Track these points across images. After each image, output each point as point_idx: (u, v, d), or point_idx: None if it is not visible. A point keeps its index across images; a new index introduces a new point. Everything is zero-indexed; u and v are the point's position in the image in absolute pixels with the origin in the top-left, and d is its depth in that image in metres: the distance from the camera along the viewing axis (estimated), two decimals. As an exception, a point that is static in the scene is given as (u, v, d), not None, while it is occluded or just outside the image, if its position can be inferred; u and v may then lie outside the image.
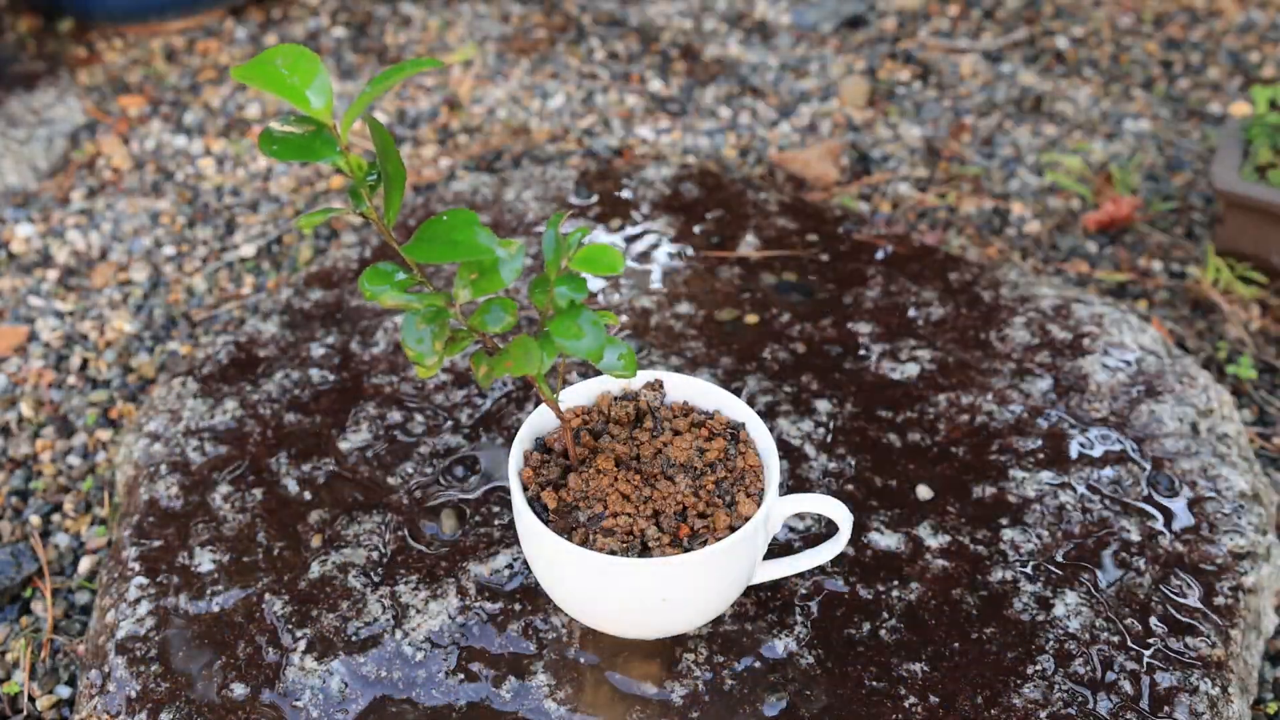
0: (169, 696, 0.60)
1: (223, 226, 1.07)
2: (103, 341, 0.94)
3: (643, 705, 0.58)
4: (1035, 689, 0.58)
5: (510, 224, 0.94)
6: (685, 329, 0.81)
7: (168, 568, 0.66)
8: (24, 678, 0.68)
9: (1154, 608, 0.63)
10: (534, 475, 0.56)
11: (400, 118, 1.22)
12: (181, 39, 1.38)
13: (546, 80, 1.28)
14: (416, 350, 0.46)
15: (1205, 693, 0.59)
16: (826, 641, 0.61)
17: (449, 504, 0.69)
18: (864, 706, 0.58)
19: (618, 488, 0.55)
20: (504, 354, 0.47)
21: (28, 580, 0.75)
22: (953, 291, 0.85)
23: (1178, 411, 0.74)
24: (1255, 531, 0.67)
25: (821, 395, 0.75)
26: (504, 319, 0.47)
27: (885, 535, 0.66)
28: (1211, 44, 1.32)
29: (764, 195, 0.98)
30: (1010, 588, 0.63)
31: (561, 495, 0.55)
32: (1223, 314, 0.93)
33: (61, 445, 0.84)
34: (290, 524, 0.68)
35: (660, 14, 1.41)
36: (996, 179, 1.11)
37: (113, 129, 1.21)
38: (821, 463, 0.71)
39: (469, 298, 0.45)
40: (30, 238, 1.06)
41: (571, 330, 0.46)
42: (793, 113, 1.22)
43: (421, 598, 0.63)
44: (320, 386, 0.78)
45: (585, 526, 0.54)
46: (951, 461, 0.71)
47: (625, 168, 1.01)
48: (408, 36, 1.37)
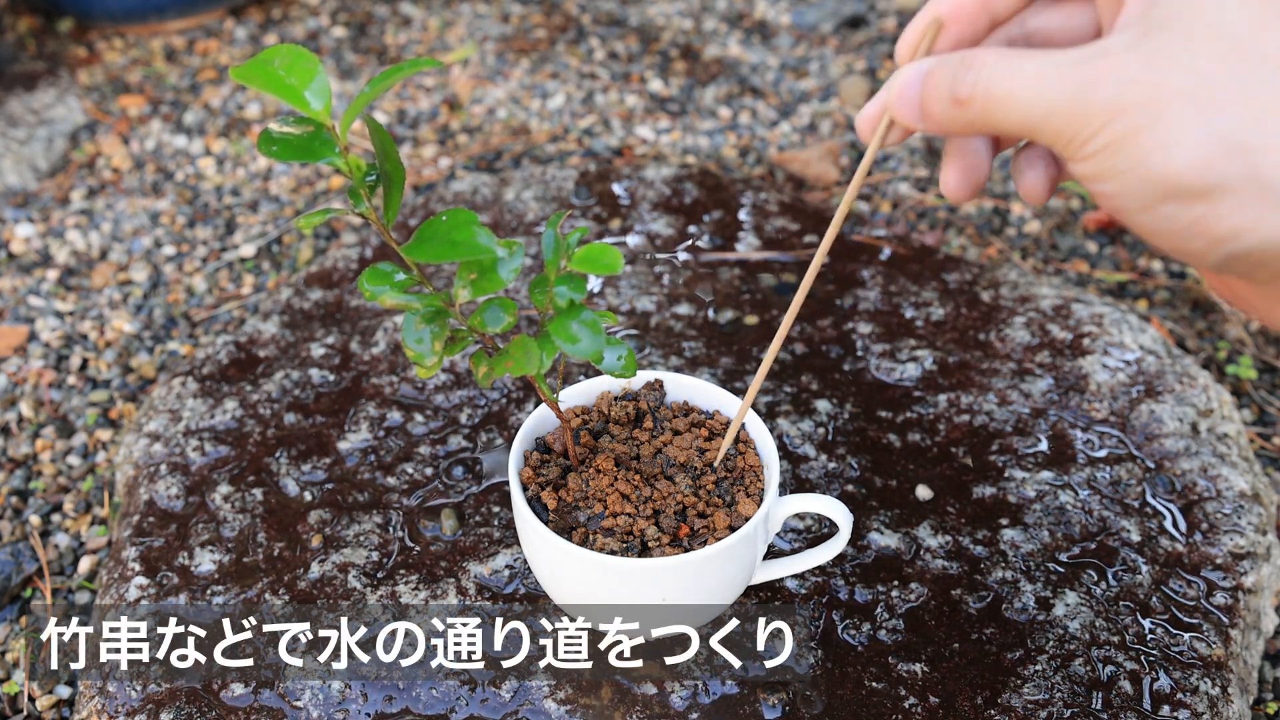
0: (169, 697, 0.60)
1: (223, 226, 1.07)
2: (103, 341, 0.94)
3: (643, 705, 0.58)
4: (1035, 689, 0.58)
5: (510, 224, 0.94)
6: (685, 329, 0.81)
7: (168, 568, 0.66)
8: (24, 678, 0.68)
9: (1154, 608, 0.63)
10: (534, 475, 0.56)
11: (400, 118, 1.22)
12: (181, 39, 1.38)
13: (546, 80, 1.28)
14: (416, 350, 0.46)
15: (1205, 693, 0.59)
16: (826, 641, 0.61)
17: (449, 504, 0.69)
18: (864, 707, 0.58)
19: (617, 488, 0.55)
20: (504, 354, 0.47)
21: (28, 580, 0.75)
22: (952, 292, 0.85)
23: (1178, 411, 0.74)
24: (1255, 531, 0.67)
25: (821, 395, 0.75)
26: (504, 319, 0.47)
27: (885, 535, 0.66)
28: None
29: (764, 195, 0.98)
30: (1010, 588, 0.63)
31: (561, 495, 0.55)
32: (1223, 314, 0.93)
33: (61, 445, 0.84)
34: (290, 524, 0.68)
35: (660, 14, 1.41)
36: (996, 179, 1.11)
37: (113, 129, 1.21)
38: (822, 462, 0.71)
39: (469, 298, 0.45)
40: (30, 238, 1.06)
41: (570, 331, 0.46)
42: (793, 113, 1.22)
43: (421, 598, 0.63)
44: (320, 386, 0.78)
45: (585, 526, 0.54)
46: (951, 462, 0.71)
47: (625, 167, 1.01)
48: (408, 36, 1.37)
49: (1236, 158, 0.32)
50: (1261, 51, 0.33)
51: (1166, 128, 0.33)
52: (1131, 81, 0.33)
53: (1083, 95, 0.34)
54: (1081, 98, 0.34)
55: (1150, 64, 0.33)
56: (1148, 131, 0.33)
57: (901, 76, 0.39)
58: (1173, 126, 0.33)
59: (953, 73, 0.37)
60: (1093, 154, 0.34)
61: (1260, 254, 0.34)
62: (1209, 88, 0.32)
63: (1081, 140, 0.34)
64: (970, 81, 0.36)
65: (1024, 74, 0.35)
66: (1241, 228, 0.33)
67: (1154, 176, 0.33)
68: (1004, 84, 0.35)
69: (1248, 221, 0.33)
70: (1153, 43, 0.33)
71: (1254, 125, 0.32)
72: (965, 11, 0.40)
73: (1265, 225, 0.33)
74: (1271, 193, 0.32)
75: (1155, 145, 0.33)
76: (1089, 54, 0.34)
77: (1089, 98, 0.34)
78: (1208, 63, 0.32)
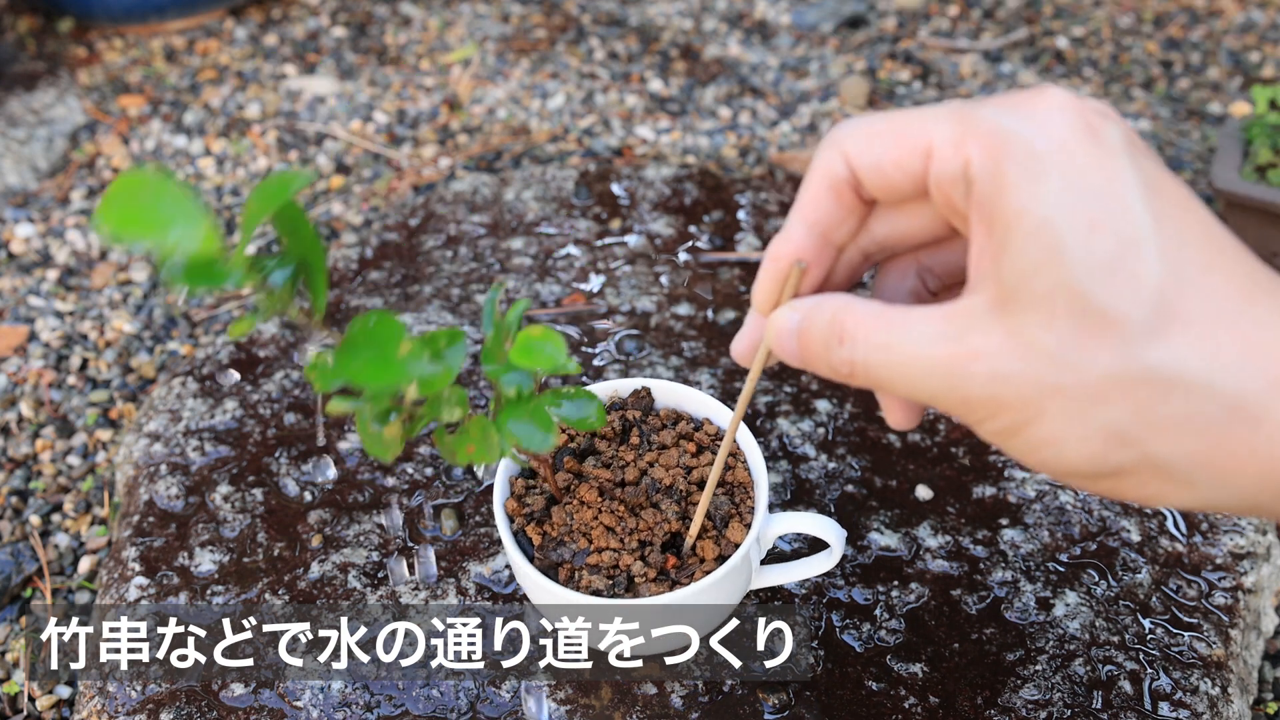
0: (169, 697, 0.60)
1: (222, 226, 1.07)
2: (103, 341, 0.94)
3: (643, 705, 0.58)
4: (1035, 689, 0.58)
5: (510, 224, 0.94)
6: (685, 329, 0.81)
7: (168, 568, 0.66)
8: (24, 678, 0.68)
9: (1154, 608, 0.63)
10: (519, 507, 0.55)
11: (400, 118, 1.22)
12: (181, 39, 1.38)
13: (546, 80, 1.28)
14: (375, 447, 0.44)
15: (1205, 693, 0.59)
16: (826, 641, 0.61)
17: (449, 504, 0.69)
18: (863, 707, 0.58)
19: (601, 520, 0.54)
20: (464, 436, 0.45)
21: (28, 580, 0.75)
22: (953, 291, 0.85)
23: (1178, 411, 0.74)
24: (1255, 531, 0.67)
25: (821, 395, 0.75)
26: (455, 412, 0.44)
27: (885, 535, 0.66)
28: (1211, 44, 1.32)
29: (764, 195, 0.98)
30: (1010, 588, 0.63)
31: (546, 529, 0.55)
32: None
33: (61, 445, 0.84)
34: (290, 524, 0.68)
35: (660, 14, 1.41)
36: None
37: (113, 129, 1.21)
38: (822, 462, 0.71)
39: (415, 395, 0.43)
40: (30, 238, 1.06)
41: (519, 428, 0.44)
42: (793, 113, 1.22)
43: (421, 598, 0.63)
44: (320, 386, 0.78)
45: (570, 563, 0.53)
46: (951, 462, 0.71)
47: (625, 167, 1.01)
48: (408, 36, 1.37)
49: (1125, 447, 0.31)
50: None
51: (1049, 424, 0.32)
52: (1004, 379, 0.32)
53: (960, 387, 0.32)
54: (960, 390, 0.33)
55: (1018, 352, 0.31)
56: (1033, 426, 0.32)
57: (775, 326, 0.38)
58: (1055, 423, 0.31)
59: (824, 340, 0.36)
60: (990, 434, 0.34)
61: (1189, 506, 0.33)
62: (1079, 380, 0.31)
63: (973, 422, 0.34)
64: (846, 359, 0.35)
65: (899, 356, 0.34)
66: (1154, 496, 0.33)
67: (1051, 465, 0.33)
68: (880, 368, 0.34)
69: (1157, 492, 0.32)
70: (1013, 319, 0.31)
71: (1133, 418, 0.31)
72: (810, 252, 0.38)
73: (1174, 495, 0.32)
74: (1169, 473, 0.31)
75: (1043, 441, 0.32)
76: (956, 329, 0.32)
77: (966, 391, 0.32)
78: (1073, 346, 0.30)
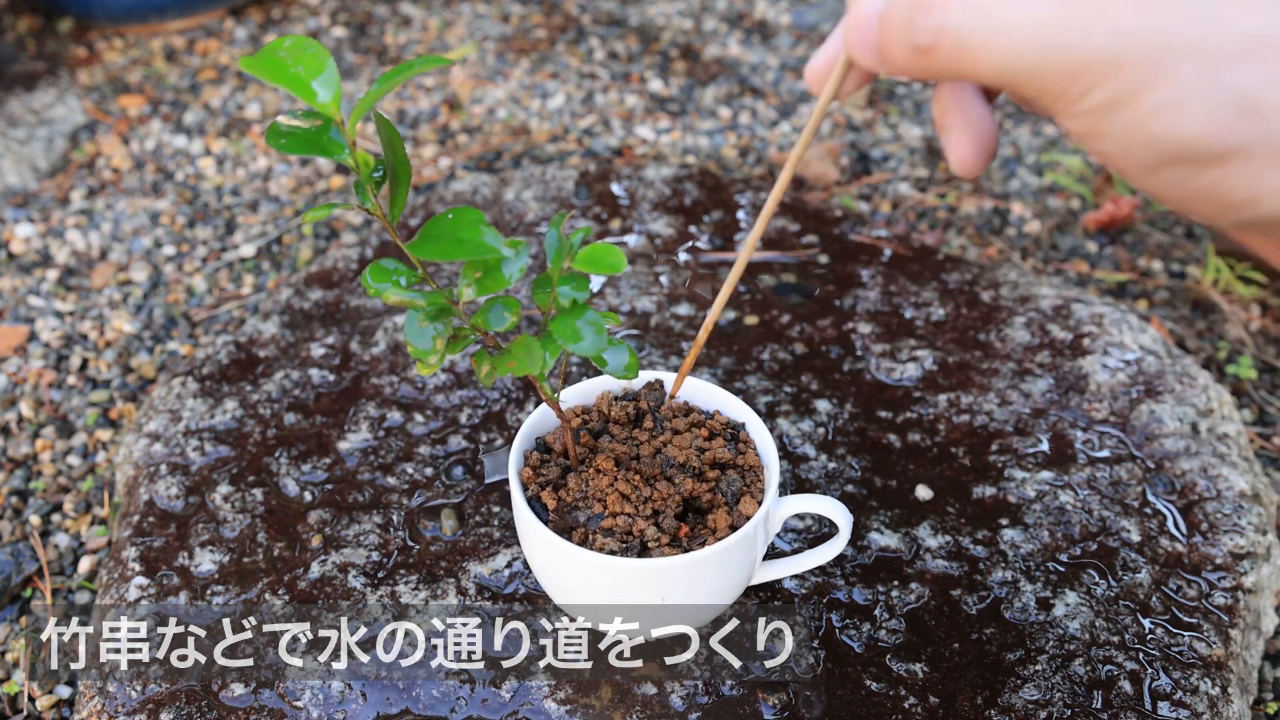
0: (169, 697, 0.60)
1: (223, 226, 1.07)
2: (103, 341, 0.94)
3: (643, 705, 0.58)
4: (1035, 689, 0.58)
5: (510, 224, 0.94)
6: (685, 329, 0.81)
7: (168, 568, 0.66)
8: (24, 678, 0.68)
9: (1154, 608, 0.63)
10: (534, 475, 0.56)
11: (400, 117, 1.22)
12: (181, 39, 1.38)
13: (546, 80, 1.28)
14: (419, 348, 0.46)
15: (1205, 693, 0.59)
16: (826, 642, 0.61)
17: (449, 504, 0.69)
18: (863, 707, 0.58)
19: (617, 488, 0.55)
20: (506, 354, 0.47)
21: (28, 580, 0.75)
22: (952, 292, 0.85)
23: (1178, 411, 0.74)
24: (1255, 531, 0.67)
25: (821, 395, 0.75)
26: (507, 319, 0.47)
27: (885, 535, 0.66)
28: None
29: (764, 195, 0.98)
30: (1010, 588, 0.63)
31: (561, 495, 0.55)
32: (1223, 314, 0.93)
33: (61, 445, 0.84)
34: (290, 524, 0.68)
35: (660, 14, 1.41)
36: (996, 179, 1.11)
37: (113, 129, 1.21)
38: (822, 462, 0.71)
39: (472, 296, 0.45)
40: (30, 238, 1.05)
41: (573, 330, 0.46)
42: (793, 113, 1.22)
43: (421, 598, 0.63)
44: (320, 387, 0.78)
45: (584, 526, 0.54)
46: (951, 462, 0.71)
47: (625, 167, 1.02)
48: (408, 36, 1.37)
49: (1252, 119, 0.28)
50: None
51: (1172, 87, 0.28)
52: (1128, 34, 0.28)
53: (1072, 48, 0.29)
54: (1070, 50, 0.29)
55: (1149, 8, 0.28)
56: (1150, 91, 0.29)
57: (855, 14, 0.34)
58: (1179, 86, 0.28)
59: (909, 15, 0.32)
60: (1085, 112, 0.30)
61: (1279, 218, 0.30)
62: (1218, 38, 0.28)
63: (1071, 98, 0.30)
64: (934, 28, 0.31)
65: (998, 19, 0.30)
66: (1258, 194, 0.29)
67: (1159, 141, 0.29)
68: (974, 33, 0.30)
69: (1265, 188, 0.29)
70: None
71: (1270, 81, 0.28)
72: None
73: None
74: None
75: (1159, 107, 0.29)
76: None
77: (1079, 51, 0.29)
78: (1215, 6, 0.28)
